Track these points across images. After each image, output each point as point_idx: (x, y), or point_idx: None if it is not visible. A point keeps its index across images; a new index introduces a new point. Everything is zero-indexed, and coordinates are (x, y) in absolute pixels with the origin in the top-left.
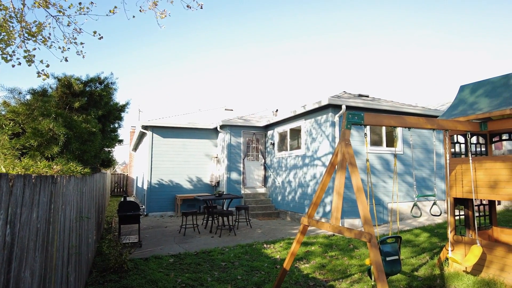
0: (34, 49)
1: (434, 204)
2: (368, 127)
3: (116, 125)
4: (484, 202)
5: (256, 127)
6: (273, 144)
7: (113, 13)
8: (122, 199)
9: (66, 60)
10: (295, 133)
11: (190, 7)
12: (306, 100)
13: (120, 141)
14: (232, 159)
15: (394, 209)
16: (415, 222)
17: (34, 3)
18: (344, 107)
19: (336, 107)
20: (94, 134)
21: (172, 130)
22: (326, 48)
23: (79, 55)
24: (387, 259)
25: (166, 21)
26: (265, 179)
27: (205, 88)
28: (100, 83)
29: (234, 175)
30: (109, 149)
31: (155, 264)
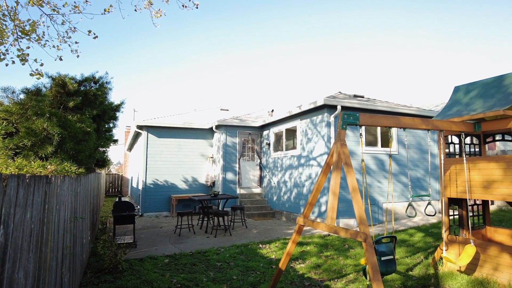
0: (28, 47)
1: (429, 204)
2: (363, 128)
3: (111, 125)
4: (478, 202)
5: (251, 127)
6: (269, 144)
7: (108, 12)
8: (117, 199)
9: (60, 59)
10: (291, 133)
11: (185, 6)
12: (302, 101)
13: (115, 141)
14: (228, 159)
15: (389, 209)
16: (410, 222)
17: (28, 2)
18: (339, 108)
19: (331, 108)
20: (89, 134)
21: (168, 130)
22: (322, 48)
23: (73, 54)
24: (382, 258)
25: (162, 22)
26: (261, 179)
27: (201, 88)
28: (95, 83)
29: (230, 175)
30: (104, 149)
31: (150, 265)
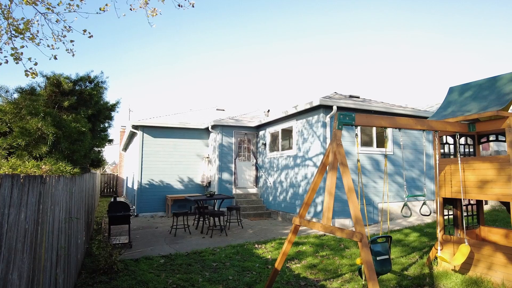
0: (22, 46)
1: (424, 204)
2: (359, 128)
3: (106, 124)
4: (472, 202)
5: (247, 127)
6: (265, 144)
7: (104, 11)
8: (112, 200)
9: (55, 58)
10: (287, 133)
11: (181, 6)
12: (298, 101)
13: (110, 141)
14: (224, 159)
15: (385, 209)
16: (405, 222)
17: (22, 0)
18: (335, 108)
19: (327, 108)
20: (84, 134)
21: (163, 130)
22: (318, 49)
23: (69, 53)
24: (378, 258)
25: (159, 23)
26: (257, 180)
27: (197, 88)
28: (90, 82)
29: (226, 176)
30: (99, 149)
31: (146, 265)
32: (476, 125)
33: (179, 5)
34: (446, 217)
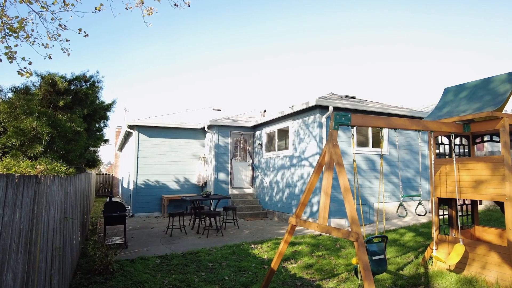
0: (16, 45)
1: (419, 204)
2: (355, 128)
3: (102, 124)
4: (467, 202)
5: (244, 127)
6: (261, 144)
7: (99, 10)
8: (107, 200)
9: (50, 58)
10: (283, 133)
11: (177, 5)
12: (294, 101)
13: (105, 141)
14: (220, 159)
15: (380, 209)
16: (400, 221)
17: None
18: (331, 108)
19: (323, 108)
20: (79, 134)
21: (159, 130)
22: (314, 49)
23: (64, 52)
24: (373, 258)
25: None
26: (253, 180)
27: (193, 88)
28: (86, 82)
29: (222, 176)
30: (95, 148)
31: (142, 266)
32: (471, 125)
33: (175, 5)
34: (441, 217)
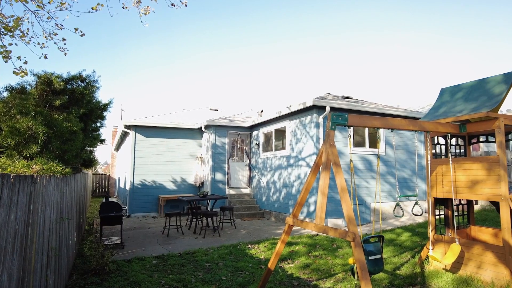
0: (11, 44)
1: (416, 204)
2: (352, 128)
3: (98, 124)
4: (463, 202)
5: (241, 127)
6: (258, 144)
7: (96, 10)
8: (104, 200)
9: (45, 57)
10: (280, 133)
11: (174, 5)
12: (291, 101)
13: (102, 141)
14: (217, 159)
15: (377, 209)
16: (397, 221)
17: None
18: (328, 109)
19: (320, 108)
20: (76, 133)
21: (156, 130)
22: (311, 50)
23: (61, 51)
24: (370, 258)
25: (152, 23)
26: (250, 180)
27: (190, 88)
28: (82, 81)
29: (219, 176)
30: (91, 148)
31: (138, 266)
32: (467, 126)
33: (172, 4)
34: (437, 217)
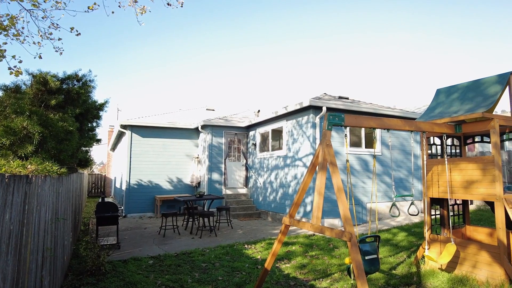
0: (5, 43)
1: (412, 204)
2: (348, 129)
3: (94, 124)
4: (458, 202)
5: (238, 127)
6: (255, 144)
7: (92, 9)
8: (100, 200)
9: (40, 57)
10: (277, 133)
11: (170, 4)
12: (288, 101)
13: (98, 141)
14: (214, 159)
15: (373, 209)
16: (393, 221)
17: None
18: (324, 109)
19: (317, 109)
20: (71, 133)
21: (152, 130)
22: (308, 51)
23: (56, 51)
24: (366, 258)
25: (149, 24)
26: (247, 180)
27: (186, 88)
28: (78, 81)
29: (216, 176)
30: (87, 148)
31: (134, 266)
32: (462, 126)
33: (168, 4)
34: (433, 217)
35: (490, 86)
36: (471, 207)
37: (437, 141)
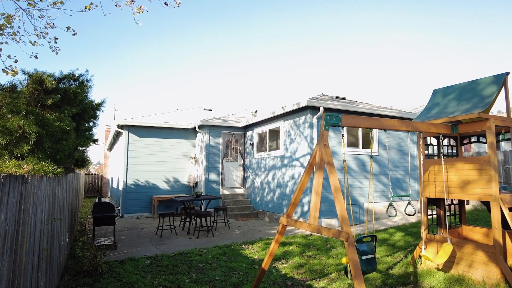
0: (1, 43)
1: (409, 204)
2: (345, 129)
3: (91, 124)
4: (455, 202)
5: (235, 127)
6: (252, 144)
7: (89, 9)
8: (96, 200)
9: (35, 57)
10: (274, 134)
11: (167, 4)
12: (285, 101)
13: (95, 141)
14: (211, 159)
15: (370, 209)
16: (390, 221)
17: None
18: (322, 109)
19: (314, 109)
20: (68, 133)
21: (149, 130)
22: (306, 51)
23: (53, 51)
24: (363, 257)
25: (147, 24)
26: (244, 180)
27: (184, 89)
28: (75, 80)
29: (213, 176)
30: (84, 148)
31: (131, 267)
32: (458, 126)
33: (165, 3)
34: (430, 217)
35: (486, 87)
36: (468, 207)
37: (434, 141)
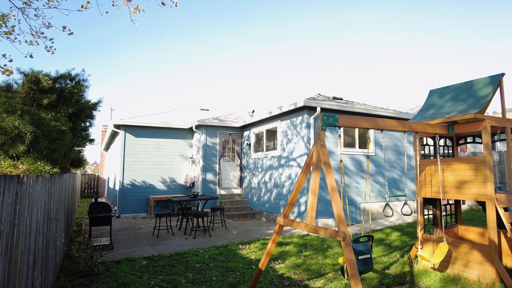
0: None
1: (405, 204)
2: (342, 129)
3: (88, 123)
4: (451, 202)
5: (232, 127)
6: (249, 144)
7: (86, 8)
8: (93, 200)
9: (31, 57)
10: (271, 134)
11: (164, 4)
12: (282, 102)
13: (91, 141)
14: (208, 159)
15: (367, 209)
16: (386, 221)
17: None
18: (319, 109)
19: (311, 109)
20: (64, 133)
21: (146, 130)
22: (303, 52)
23: (48, 51)
24: (360, 257)
25: (145, 24)
26: (241, 180)
27: (181, 89)
28: (71, 80)
29: (210, 176)
30: (80, 148)
31: (128, 267)
32: (455, 127)
33: (162, 3)
34: (426, 217)
35: (482, 88)
36: (463, 207)
37: (430, 141)
